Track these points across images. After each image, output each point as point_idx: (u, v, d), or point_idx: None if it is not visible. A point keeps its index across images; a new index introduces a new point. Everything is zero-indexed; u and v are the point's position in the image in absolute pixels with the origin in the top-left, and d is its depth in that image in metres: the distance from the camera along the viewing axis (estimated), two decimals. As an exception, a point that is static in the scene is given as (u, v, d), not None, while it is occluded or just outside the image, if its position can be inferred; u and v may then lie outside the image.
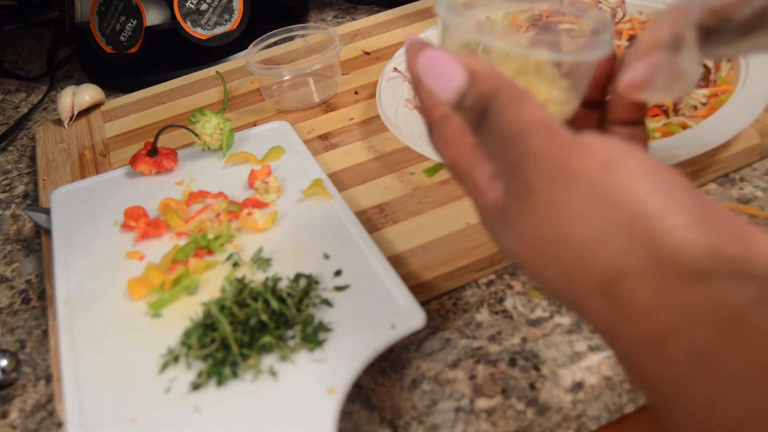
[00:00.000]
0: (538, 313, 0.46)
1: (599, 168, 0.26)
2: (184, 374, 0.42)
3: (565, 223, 0.26)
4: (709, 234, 0.24)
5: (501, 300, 0.47)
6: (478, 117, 0.29)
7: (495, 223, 0.30)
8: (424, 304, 0.45)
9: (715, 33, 0.31)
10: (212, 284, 0.47)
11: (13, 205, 0.67)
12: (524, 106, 0.28)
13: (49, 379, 0.48)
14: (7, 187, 0.70)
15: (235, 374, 0.41)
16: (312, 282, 0.46)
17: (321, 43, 0.73)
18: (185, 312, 0.46)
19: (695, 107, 0.56)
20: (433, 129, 0.32)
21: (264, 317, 0.42)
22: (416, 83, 0.32)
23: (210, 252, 0.50)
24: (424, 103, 0.32)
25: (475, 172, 0.30)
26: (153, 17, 0.80)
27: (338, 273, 0.46)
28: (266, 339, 0.41)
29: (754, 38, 0.31)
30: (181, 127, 0.64)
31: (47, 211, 0.59)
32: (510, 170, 0.28)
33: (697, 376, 0.24)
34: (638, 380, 0.26)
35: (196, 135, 0.61)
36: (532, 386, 0.42)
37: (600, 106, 0.36)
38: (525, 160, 0.27)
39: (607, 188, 0.25)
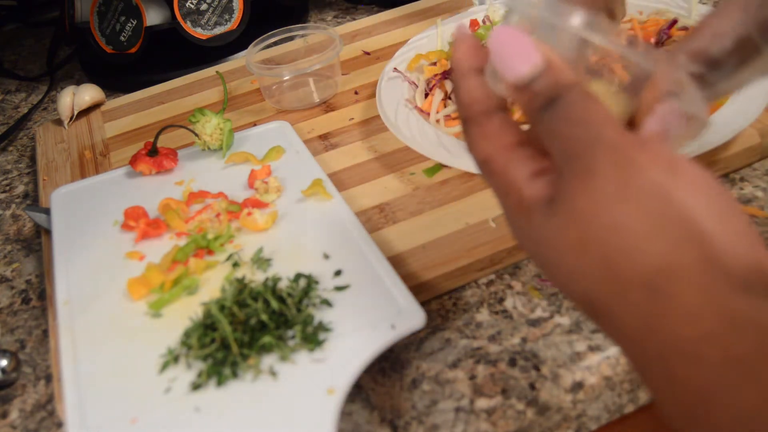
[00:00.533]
0: (538, 313, 0.46)
1: (665, 168, 0.26)
2: (184, 374, 0.42)
3: (623, 209, 0.26)
4: (755, 251, 0.25)
5: (501, 300, 0.47)
6: (546, 101, 0.28)
7: (530, 217, 0.29)
8: (424, 304, 0.45)
9: (713, 71, 0.31)
10: (212, 284, 0.47)
11: (13, 205, 0.67)
12: (597, 103, 0.28)
13: (49, 379, 0.48)
14: (7, 187, 0.70)
15: (235, 374, 0.41)
16: (312, 282, 0.46)
17: (321, 43, 0.73)
18: (185, 312, 0.46)
19: (695, 107, 0.56)
20: (472, 124, 0.32)
21: (264, 317, 0.42)
22: (457, 77, 0.32)
23: (210, 252, 0.50)
24: (466, 97, 0.31)
25: (511, 168, 0.30)
26: (153, 17, 0.80)
27: (338, 273, 0.46)
28: (266, 339, 0.41)
29: (749, 68, 0.31)
30: (181, 127, 0.64)
31: (47, 211, 0.59)
32: (576, 152, 0.27)
33: (735, 383, 0.23)
34: (664, 386, 0.25)
35: (196, 135, 0.61)
36: (532, 386, 0.42)
37: None
38: (595, 144, 0.27)
39: (670, 187, 0.25)
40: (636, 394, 0.44)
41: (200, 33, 0.80)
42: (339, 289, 0.45)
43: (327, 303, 0.44)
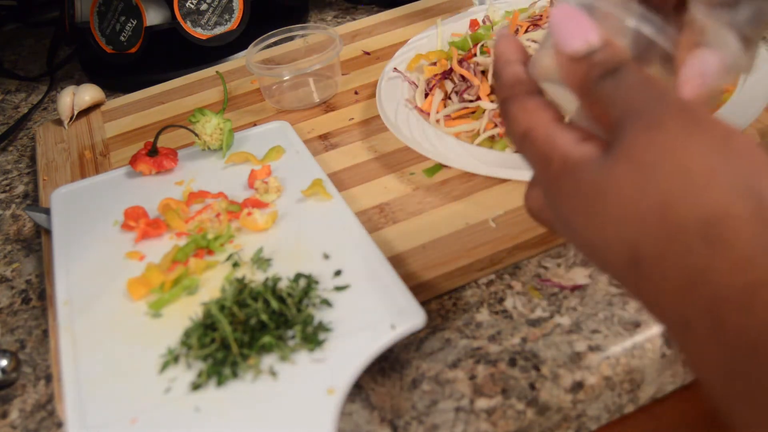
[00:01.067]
0: (538, 313, 0.46)
1: (724, 129, 0.27)
2: (184, 374, 0.42)
3: (687, 155, 0.26)
4: None
5: (501, 300, 0.47)
6: (606, 70, 0.30)
7: (579, 174, 0.29)
8: (424, 304, 0.45)
9: (734, 13, 0.32)
10: (212, 284, 0.47)
11: (13, 205, 0.67)
12: (654, 76, 0.29)
13: (49, 379, 0.48)
14: (7, 187, 0.70)
15: (235, 374, 0.41)
16: (312, 282, 0.46)
17: (321, 43, 0.73)
18: (185, 312, 0.46)
19: (695, 107, 0.56)
20: (513, 101, 0.33)
21: (264, 317, 0.43)
22: (501, 64, 0.34)
23: (210, 252, 0.50)
24: (510, 78, 0.33)
25: (556, 136, 0.31)
26: (153, 17, 0.80)
27: (338, 273, 0.46)
28: (266, 339, 0.41)
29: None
30: (181, 127, 0.64)
31: (47, 211, 0.59)
32: (643, 108, 0.28)
33: None
34: (710, 341, 0.25)
35: (196, 135, 0.61)
36: (532, 386, 0.42)
37: None
38: (662, 100, 0.28)
39: (731, 141, 0.27)
40: (636, 394, 0.44)
41: (200, 33, 0.80)
42: (339, 289, 0.45)
43: (327, 303, 0.44)
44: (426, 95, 0.64)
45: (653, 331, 0.43)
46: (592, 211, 0.29)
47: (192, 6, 0.79)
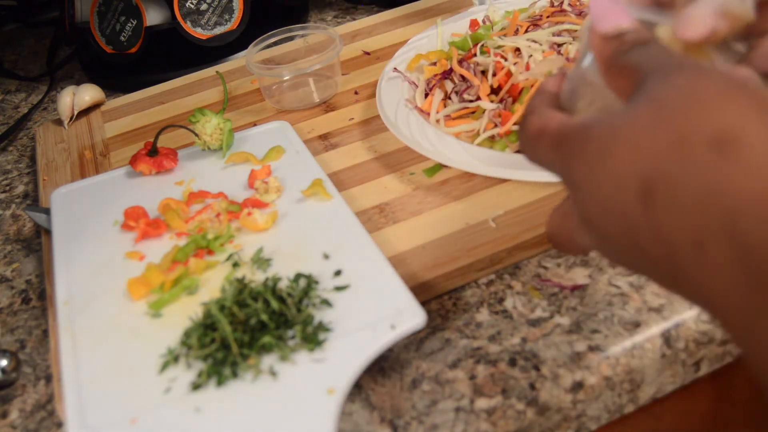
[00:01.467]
0: (538, 313, 0.46)
1: (736, 74, 0.30)
2: (184, 374, 0.42)
3: (701, 88, 0.28)
4: None
5: (501, 300, 0.47)
6: (635, 44, 0.32)
7: (599, 124, 0.30)
8: (424, 304, 0.45)
9: None
10: (212, 284, 0.47)
11: (13, 205, 0.67)
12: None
13: (49, 379, 0.48)
14: (7, 187, 0.70)
15: (235, 374, 0.41)
16: (312, 282, 0.46)
17: (321, 43, 0.73)
18: (185, 312, 0.46)
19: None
20: (534, 114, 0.35)
21: (264, 317, 0.43)
22: (531, 105, 0.36)
23: (210, 252, 0.50)
24: (536, 101, 0.36)
25: (572, 120, 0.33)
26: (153, 17, 0.80)
27: (338, 273, 0.46)
28: (266, 339, 0.41)
29: None
30: (181, 127, 0.64)
31: (47, 211, 0.59)
32: (662, 65, 0.30)
33: None
34: (730, 260, 0.25)
35: (196, 135, 0.61)
36: (532, 386, 0.42)
37: None
38: (680, 62, 0.30)
39: (741, 81, 0.28)
40: (636, 394, 0.44)
41: (200, 33, 0.80)
42: (339, 289, 0.45)
43: (327, 303, 0.44)
44: (426, 95, 0.64)
45: (653, 331, 0.43)
46: (605, 152, 0.29)
47: (192, 6, 0.79)
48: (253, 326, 0.42)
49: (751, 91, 0.27)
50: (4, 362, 0.47)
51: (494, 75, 0.60)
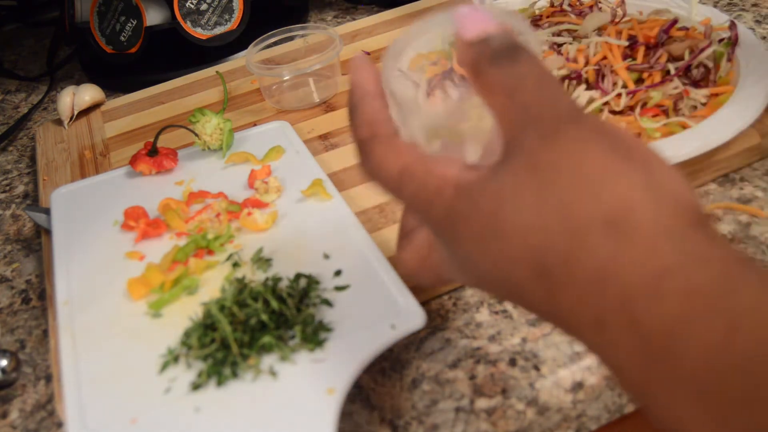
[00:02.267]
0: (538, 313, 0.46)
1: (617, 133, 0.28)
2: (184, 374, 0.42)
3: (584, 158, 0.27)
4: (695, 196, 0.27)
5: (501, 300, 0.47)
6: (504, 51, 0.30)
7: (474, 195, 0.29)
8: (424, 304, 0.45)
9: None
10: (212, 284, 0.47)
11: (13, 205, 0.67)
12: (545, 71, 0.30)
13: (49, 379, 0.48)
14: (7, 187, 0.70)
15: (235, 374, 0.41)
16: (312, 282, 0.46)
17: (321, 43, 0.73)
18: (185, 312, 0.46)
19: (695, 107, 0.56)
20: (378, 142, 0.33)
21: (264, 317, 0.43)
22: (358, 98, 0.35)
23: (210, 252, 0.50)
24: (370, 116, 0.34)
25: (439, 167, 0.31)
26: (153, 17, 0.80)
27: (338, 273, 0.46)
28: (266, 339, 0.41)
29: None
30: (181, 127, 0.64)
31: (47, 211, 0.59)
32: (542, 114, 0.28)
33: (699, 315, 0.24)
34: (625, 336, 0.25)
35: (196, 135, 0.61)
36: (532, 386, 0.42)
37: None
38: (555, 107, 0.28)
39: (625, 144, 0.28)
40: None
41: (200, 33, 0.80)
42: (339, 289, 0.45)
43: (327, 303, 0.44)
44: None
45: (653, 331, 0.43)
46: (494, 228, 0.28)
47: (192, 6, 0.79)
48: (253, 326, 0.42)
49: (637, 163, 0.27)
50: (4, 362, 0.47)
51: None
